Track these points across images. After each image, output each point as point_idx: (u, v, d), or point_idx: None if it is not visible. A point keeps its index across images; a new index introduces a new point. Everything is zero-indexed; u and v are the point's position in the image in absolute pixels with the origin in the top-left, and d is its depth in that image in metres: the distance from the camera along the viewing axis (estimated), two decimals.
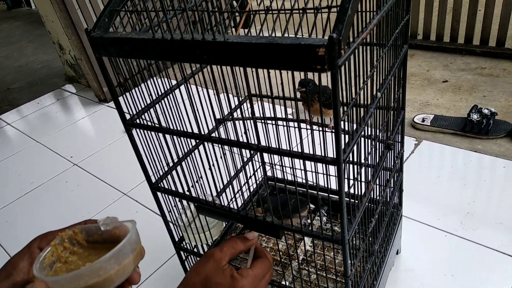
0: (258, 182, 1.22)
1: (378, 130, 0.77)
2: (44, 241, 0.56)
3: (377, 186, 0.85)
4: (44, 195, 1.84)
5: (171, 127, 0.77)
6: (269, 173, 1.26)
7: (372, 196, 0.81)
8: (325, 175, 0.84)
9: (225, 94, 0.66)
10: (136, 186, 1.75)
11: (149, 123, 0.77)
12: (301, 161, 0.61)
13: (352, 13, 0.49)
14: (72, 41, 2.38)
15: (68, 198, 1.79)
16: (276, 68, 0.52)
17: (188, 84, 0.72)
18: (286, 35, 0.54)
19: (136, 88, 0.75)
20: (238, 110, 1.04)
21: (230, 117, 0.97)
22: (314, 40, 0.48)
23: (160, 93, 0.80)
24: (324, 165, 0.78)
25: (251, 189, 1.19)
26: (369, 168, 0.76)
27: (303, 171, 0.65)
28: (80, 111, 2.57)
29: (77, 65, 2.70)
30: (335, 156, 0.56)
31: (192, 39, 0.56)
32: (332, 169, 0.59)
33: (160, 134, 0.78)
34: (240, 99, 1.04)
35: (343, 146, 0.56)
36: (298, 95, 0.89)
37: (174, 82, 0.83)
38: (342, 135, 0.55)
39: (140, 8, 0.70)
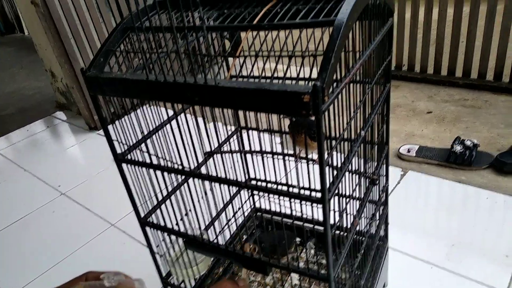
0: (246, 214, 1.23)
1: (362, 166, 0.80)
2: None
3: (363, 219, 0.87)
4: (31, 225, 1.82)
5: (161, 160, 0.78)
6: (257, 204, 1.27)
7: (358, 229, 0.82)
8: (312, 207, 0.86)
9: (214, 126, 0.68)
10: (124, 217, 1.74)
11: (140, 155, 0.79)
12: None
13: (335, 62, 0.53)
14: (64, 70, 2.41)
15: (55, 229, 1.77)
16: (264, 112, 0.55)
17: (179, 118, 0.74)
18: (275, 74, 0.57)
19: (127, 119, 0.77)
20: (228, 143, 1.06)
21: (219, 150, 0.99)
22: (299, 87, 0.51)
23: (151, 126, 0.82)
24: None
25: (239, 221, 1.20)
26: (355, 202, 0.78)
27: (289, 204, 0.67)
28: (70, 139, 2.57)
29: (69, 93, 2.71)
30: (320, 194, 0.58)
31: (184, 82, 0.58)
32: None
33: (151, 169, 0.79)
34: (229, 132, 1.07)
35: (328, 185, 0.58)
36: (286, 127, 0.92)
37: (163, 110, 0.85)
38: (327, 172, 0.57)
39: (134, 49, 0.73)
